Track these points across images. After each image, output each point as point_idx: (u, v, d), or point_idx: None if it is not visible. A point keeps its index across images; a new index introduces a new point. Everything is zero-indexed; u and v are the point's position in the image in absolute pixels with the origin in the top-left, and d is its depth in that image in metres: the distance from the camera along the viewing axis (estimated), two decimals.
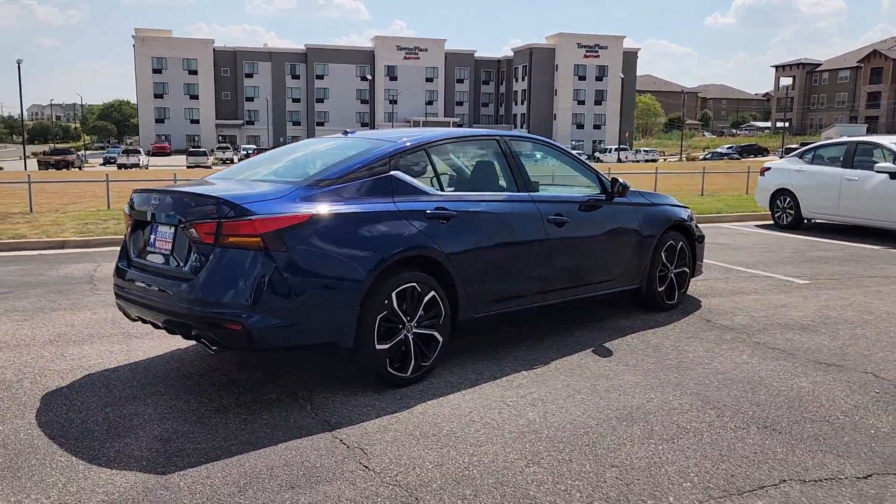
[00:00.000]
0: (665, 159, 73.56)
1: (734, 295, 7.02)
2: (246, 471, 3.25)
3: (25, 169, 49.43)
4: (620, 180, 5.76)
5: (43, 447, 3.50)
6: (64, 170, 53.54)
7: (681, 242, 6.37)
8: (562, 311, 6.14)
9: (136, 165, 59.27)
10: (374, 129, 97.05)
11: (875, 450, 3.48)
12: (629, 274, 5.95)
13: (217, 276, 3.84)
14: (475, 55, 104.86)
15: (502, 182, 5.24)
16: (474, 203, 4.80)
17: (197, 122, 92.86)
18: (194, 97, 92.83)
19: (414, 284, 4.33)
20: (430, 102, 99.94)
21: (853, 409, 4.02)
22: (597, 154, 77.65)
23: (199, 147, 74.42)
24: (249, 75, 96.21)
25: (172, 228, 4.14)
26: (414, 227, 4.36)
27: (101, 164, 65.18)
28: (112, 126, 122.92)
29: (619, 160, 65.90)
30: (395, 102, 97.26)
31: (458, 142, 5.29)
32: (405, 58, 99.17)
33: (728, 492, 3.06)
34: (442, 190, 4.77)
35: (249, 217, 3.83)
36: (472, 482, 3.14)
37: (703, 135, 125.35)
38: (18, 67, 51.10)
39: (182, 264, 4.04)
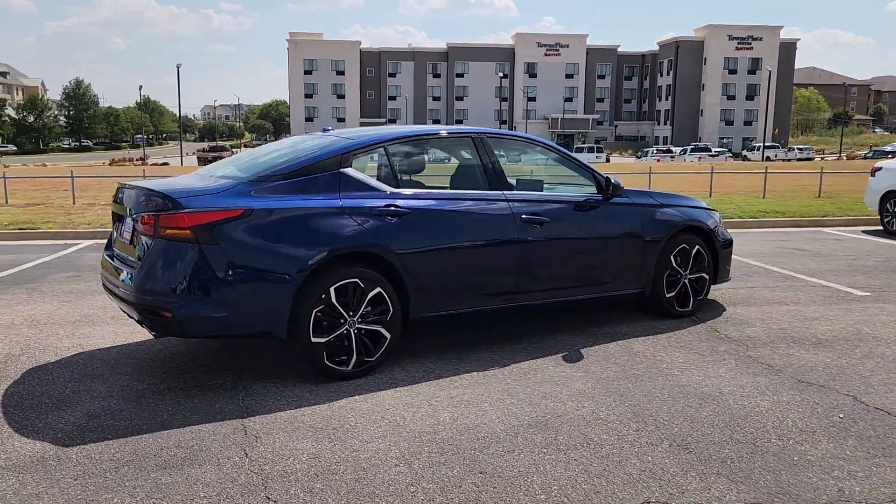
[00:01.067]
0: (822, 157, 68.18)
1: (768, 304, 6.51)
2: (137, 450, 3.47)
3: (182, 164, 53.71)
4: (613, 180, 5.52)
5: None
6: None
7: (697, 246, 6.00)
8: (560, 312, 6.00)
9: None
10: (511, 126, 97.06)
11: (780, 478, 3.17)
12: (630, 277, 5.70)
13: (154, 266, 4.11)
14: (618, 50, 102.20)
15: (474, 180, 5.17)
16: (431, 201, 4.79)
17: (343, 120, 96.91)
18: (341, 97, 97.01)
19: (356, 280, 4.40)
20: (569, 99, 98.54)
21: (796, 432, 3.67)
22: (744, 152, 73.38)
23: None
24: (393, 75, 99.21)
25: (132, 221, 4.47)
26: (357, 224, 4.43)
27: None
28: (269, 124, 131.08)
29: (768, 158, 61.85)
30: (534, 100, 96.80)
31: (428, 140, 5.28)
32: (545, 54, 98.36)
33: None
34: (399, 187, 4.79)
35: (182, 210, 4.07)
36: (331, 476, 3.19)
37: (874, 131, 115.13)
38: (178, 71, 56.00)
39: (134, 255, 4.35)
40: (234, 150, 69.31)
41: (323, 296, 4.30)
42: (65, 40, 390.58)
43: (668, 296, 5.89)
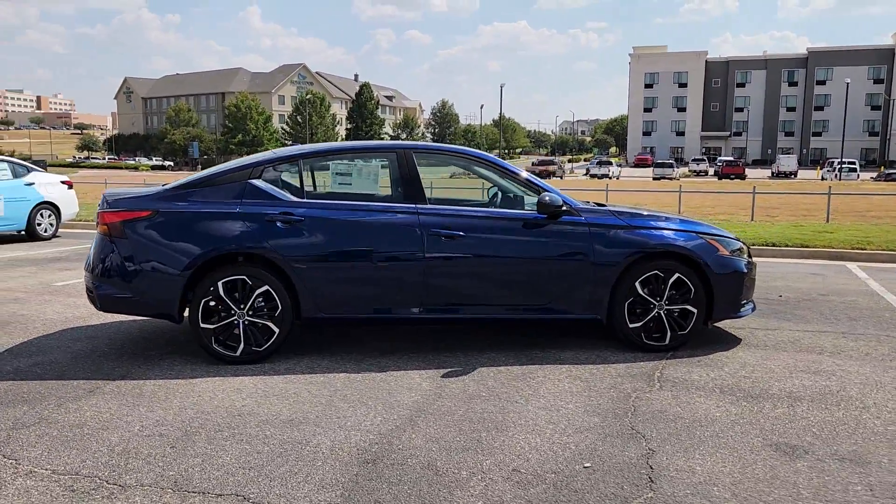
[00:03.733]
0: None
1: (795, 351, 5.49)
2: (17, 390, 4.56)
3: None
4: (548, 198, 5.23)
5: None
6: (546, 178, 60.49)
7: (677, 274, 5.35)
8: (517, 330, 5.86)
9: (607, 176, 63.18)
10: (885, 138, 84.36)
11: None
12: (577, 302, 5.34)
13: (92, 254, 5.24)
14: None
15: (388, 192, 5.39)
16: (328, 210, 5.16)
17: (682, 134, 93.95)
18: (681, 109, 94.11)
19: (244, 277, 5.03)
20: None
21: (482, 471, 3.39)
22: None
23: (668, 160, 75.14)
24: (741, 85, 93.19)
25: None
26: (248, 228, 5.04)
27: (583, 175, 71.22)
28: (611, 139, 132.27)
29: None
30: None
31: (348, 153, 5.63)
32: None
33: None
34: (303, 197, 5.26)
35: (107, 210, 5.13)
36: (80, 428, 3.90)
37: None
38: (501, 90, 59.97)
39: None
40: (559, 163, 71.81)
41: (212, 288, 5.01)
42: (449, 66, 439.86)
43: (631, 326, 5.37)
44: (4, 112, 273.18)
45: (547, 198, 5.26)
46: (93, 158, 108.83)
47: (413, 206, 5.26)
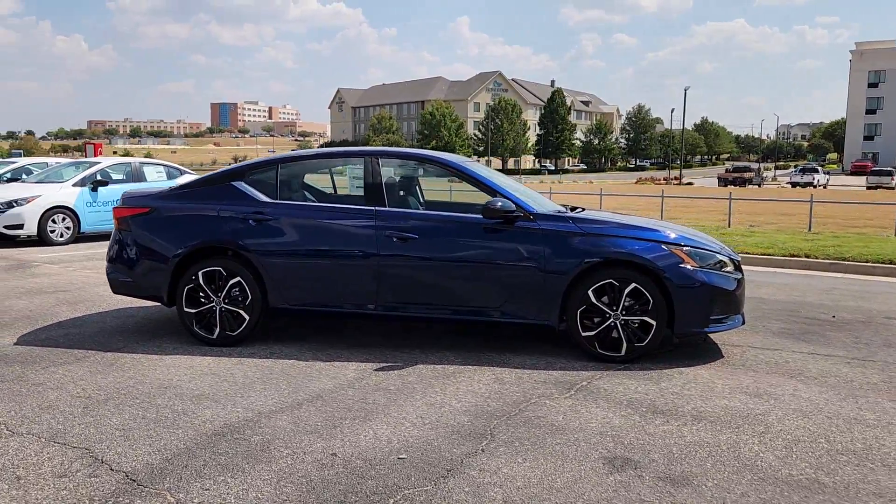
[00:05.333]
0: None
1: (750, 371, 5.07)
2: (27, 352, 5.48)
3: (677, 183, 54.51)
4: (501, 204, 5.26)
5: None
6: (740, 186, 56.85)
7: (633, 284, 5.16)
8: (479, 332, 5.94)
9: (811, 184, 58.01)
10: None
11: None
12: (527, 307, 5.33)
13: (109, 244, 6.12)
14: None
15: (358, 195, 5.71)
16: (296, 210, 5.61)
17: None
18: None
19: (219, 269, 5.63)
20: None
21: (282, 451, 3.63)
22: None
23: (887, 167, 67.12)
24: None
25: None
26: (224, 226, 5.63)
27: (786, 183, 65.95)
28: (829, 144, 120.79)
29: None
30: None
31: (320, 159, 6.00)
32: None
33: None
34: (276, 199, 5.73)
35: (119, 206, 5.97)
36: (36, 388, 4.69)
37: None
38: (685, 94, 57.07)
39: None
40: (755, 170, 66.86)
41: (193, 277, 5.66)
42: (657, 69, 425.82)
43: (583, 334, 5.27)
44: (242, 121, 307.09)
45: (499, 202, 5.31)
46: None
47: (372, 208, 5.55)
